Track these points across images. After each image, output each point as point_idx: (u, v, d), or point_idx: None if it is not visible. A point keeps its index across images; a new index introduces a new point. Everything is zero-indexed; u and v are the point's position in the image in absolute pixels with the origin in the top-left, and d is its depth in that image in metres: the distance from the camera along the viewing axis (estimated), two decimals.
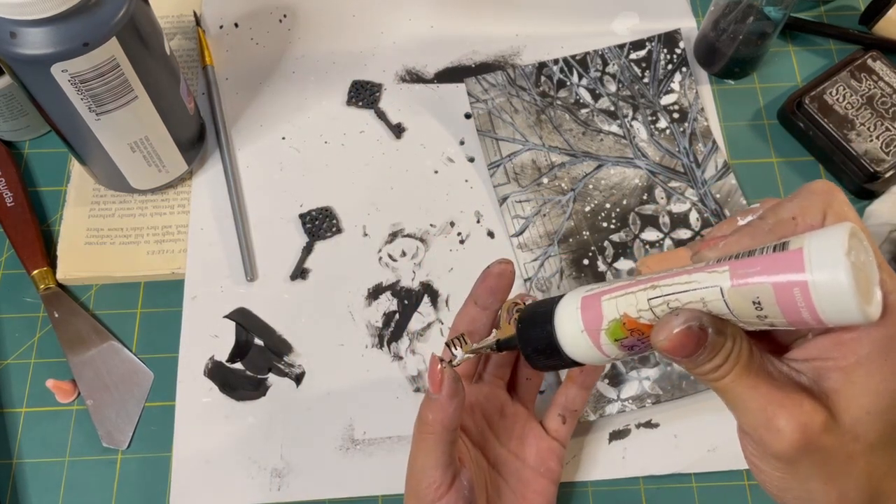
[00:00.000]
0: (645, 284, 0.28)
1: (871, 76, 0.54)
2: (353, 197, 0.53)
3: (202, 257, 0.51)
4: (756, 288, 0.25)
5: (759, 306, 0.25)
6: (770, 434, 0.26)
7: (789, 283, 0.24)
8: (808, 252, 0.24)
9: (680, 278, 0.27)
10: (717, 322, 0.26)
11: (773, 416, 0.26)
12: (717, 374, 0.27)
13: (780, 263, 0.25)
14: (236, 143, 0.55)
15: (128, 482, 0.46)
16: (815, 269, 0.24)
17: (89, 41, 0.39)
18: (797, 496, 0.28)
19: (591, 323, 0.30)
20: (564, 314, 0.32)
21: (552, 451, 0.43)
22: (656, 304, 0.28)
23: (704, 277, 0.26)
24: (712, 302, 0.26)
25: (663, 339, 0.27)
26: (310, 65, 0.58)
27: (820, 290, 0.24)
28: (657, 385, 0.47)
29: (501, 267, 0.40)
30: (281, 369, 0.48)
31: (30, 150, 0.55)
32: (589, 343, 0.31)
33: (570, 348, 0.32)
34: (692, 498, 0.46)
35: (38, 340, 0.49)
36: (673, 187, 0.53)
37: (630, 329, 0.29)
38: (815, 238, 0.24)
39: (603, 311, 0.30)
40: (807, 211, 0.27)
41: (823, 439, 0.26)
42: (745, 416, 0.27)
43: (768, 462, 0.27)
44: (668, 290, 0.27)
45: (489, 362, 0.43)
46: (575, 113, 0.56)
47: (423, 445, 0.36)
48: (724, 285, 0.26)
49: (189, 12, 0.59)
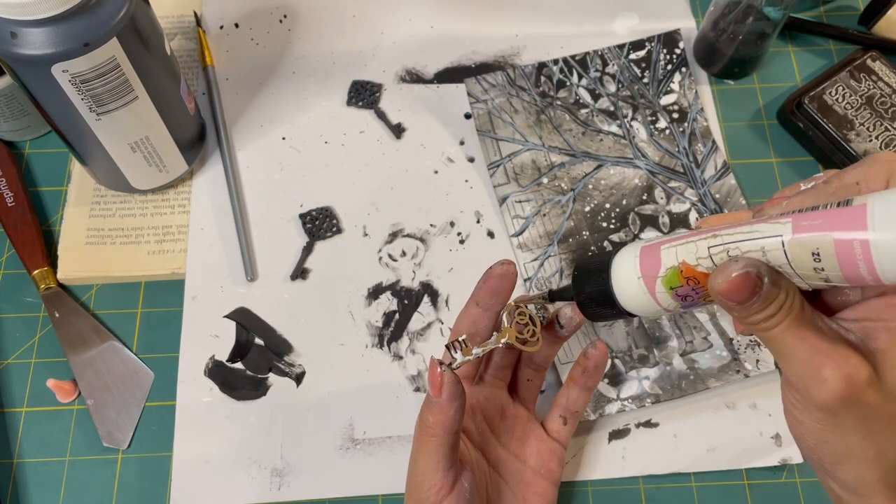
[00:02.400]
0: (706, 234, 0.29)
1: (871, 76, 0.54)
2: (354, 197, 0.53)
3: (202, 257, 0.51)
4: (817, 239, 0.25)
5: (817, 258, 0.25)
6: (815, 383, 0.27)
7: (850, 235, 0.24)
8: (872, 208, 0.24)
9: (742, 228, 0.28)
10: (774, 273, 0.27)
11: (820, 365, 0.26)
12: (769, 324, 0.27)
13: (843, 217, 0.25)
14: (236, 143, 0.55)
15: (128, 482, 0.46)
16: (878, 225, 0.24)
17: (90, 41, 0.39)
18: (834, 450, 0.28)
19: (648, 269, 0.31)
20: (622, 261, 0.32)
21: (553, 452, 0.43)
22: (716, 251, 0.28)
23: (766, 227, 0.27)
24: (772, 252, 0.27)
25: (721, 282, 0.27)
26: (310, 65, 0.58)
27: (880, 246, 0.24)
28: (657, 385, 0.47)
29: (504, 268, 0.40)
30: (281, 369, 0.48)
31: (30, 150, 0.55)
32: (644, 290, 0.31)
33: (625, 296, 0.32)
34: (692, 497, 0.46)
35: (38, 340, 0.49)
36: (672, 187, 0.53)
37: (687, 277, 0.29)
38: (879, 195, 0.25)
39: (662, 258, 0.30)
40: (871, 177, 0.28)
41: (867, 394, 0.26)
42: (792, 366, 0.28)
43: (810, 413, 0.28)
44: (729, 239, 0.28)
45: (490, 363, 0.43)
46: (575, 113, 0.56)
47: (425, 448, 0.36)
48: (786, 235, 0.26)
49: (189, 12, 0.59)
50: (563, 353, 0.48)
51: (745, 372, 0.47)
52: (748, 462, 0.46)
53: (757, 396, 0.48)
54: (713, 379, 0.47)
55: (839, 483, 0.29)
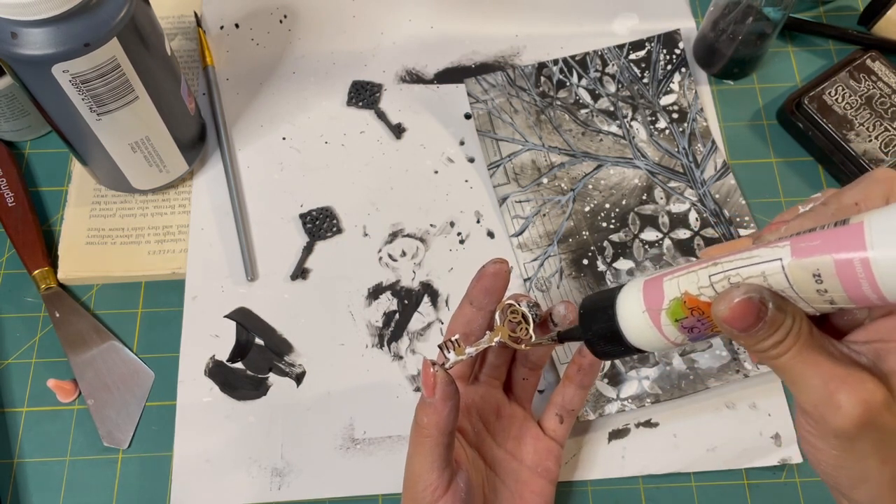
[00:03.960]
0: (707, 263, 0.29)
1: (871, 76, 0.55)
2: (354, 197, 0.53)
3: (203, 257, 0.51)
4: (816, 260, 0.25)
5: (819, 279, 0.25)
6: (831, 410, 0.26)
7: (849, 254, 0.24)
8: (870, 226, 0.24)
9: (742, 254, 0.27)
10: (778, 298, 0.26)
11: (835, 391, 0.26)
12: (778, 351, 0.27)
13: (840, 236, 0.25)
14: (237, 144, 0.55)
15: (128, 482, 0.46)
16: (877, 242, 0.24)
17: (90, 41, 0.39)
18: (851, 475, 0.28)
19: (652, 303, 0.30)
20: (627, 296, 0.32)
21: (550, 451, 0.43)
22: (717, 279, 0.28)
23: (766, 252, 0.27)
24: (773, 276, 0.26)
25: (723, 309, 0.27)
26: (310, 65, 0.58)
27: (881, 263, 0.24)
28: (656, 384, 0.47)
29: (496, 267, 0.40)
30: (281, 369, 0.48)
31: (31, 151, 0.55)
32: (649, 324, 0.31)
33: (631, 331, 0.32)
34: (692, 497, 0.46)
35: (38, 340, 0.49)
36: (672, 187, 0.53)
37: (691, 308, 0.29)
38: (877, 213, 0.24)
39: (664, 290, 0.30)
40: (869, 197, 0.27)
41: (884, 417, 0.26)
42: (806, 393, 0.27)
43: (826, 440, 0.27)
44: (730, 266, 0.28)
45: (485, 363, 0.43)
46: (574, 113, 0.56)
47: (420, 449, 0.36)
48: (785, 259, 0.26)
49: (190, 13, 0.59)
50: (563, 353, 0.48)
51: (744, 372, 0.48)
52: (748, 462, 0.46)
53: (757, 396, 0.48)
54: (713, 379, 0.47)
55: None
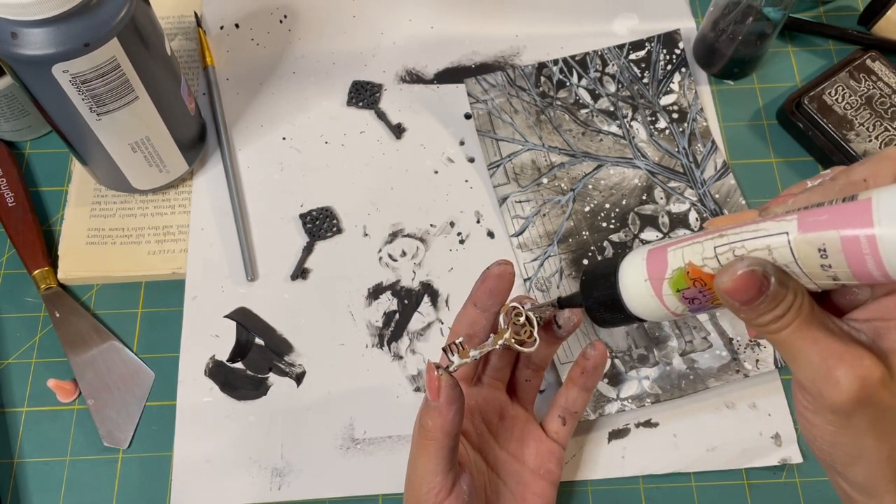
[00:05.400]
0: (712, 234, 0.29)
1: (871, 76, 0.55)
2: (354, 197, 0.53)
3: (203, 257, 0.51)
4: (823, 235, 0.25)
5: (824, 254, 0.25)
6: (828, 386, 0.26)
7: (856, 231, 0.24)
8: (878, 202, 0.24)
9: (748, 227, 0.27)
10: (781, 273, 0.26)
11: (833, 367, 0.26)
12: (778, 326, 0.27)
13: (848, 212, 0.25)
14: (237, 144, 0.55)
15: (128, 482, 0.46)
16: (884, 219, 0.24)
17: (90, 42, 0.39)
18: (847, 452, 0.28)
19: (655, 272, 0.30)
20: (630, 264, 0.32)
21: (552, 453, 0.43)
22: (722, 251, 0.28)
23: (772, 225, 0.27)
24: (778, 249, 0.26)
25: (726, 281, 0.27)
26: (310, 65, 0.58)
27: (887, 240, 0.24)
28: (656, 384, 0.47)
29: (501, 268, 0.40)
30: (281, 369, 0.48)
31: (31, 150, 0.55)
32: (651, 293, 0.31)
33: (632, 299, 0.32)
34: (692, 497, 0.46)
35: (39, 340, 0.49)
36: (672, 187, 0.53)
37: (693, 278, 0.29)
38: (885, 190, 0.24)
39: (668, 259, 0.30)
40: (878, 174, 0.27)
41: (881, 394, 0.26)
42: (804, 369, 0.27)
43: (823, 416, 0.27)
44: (735, 238, 0.27)
45: (488, 365, 0.43)
46: (574, 113, 0.56)
47: (424, 451, 0.36)
48: (792, 233, 0.26)
49: (190, 13, 0.59)
50: (564, 353, 0.48)
51: (744, 372, 0.48)
52: (748, 462, 0.46)
53: (757, 396, 0.48)
54: (713, 379, 0.47)
55: (850, 483, 0.29)
